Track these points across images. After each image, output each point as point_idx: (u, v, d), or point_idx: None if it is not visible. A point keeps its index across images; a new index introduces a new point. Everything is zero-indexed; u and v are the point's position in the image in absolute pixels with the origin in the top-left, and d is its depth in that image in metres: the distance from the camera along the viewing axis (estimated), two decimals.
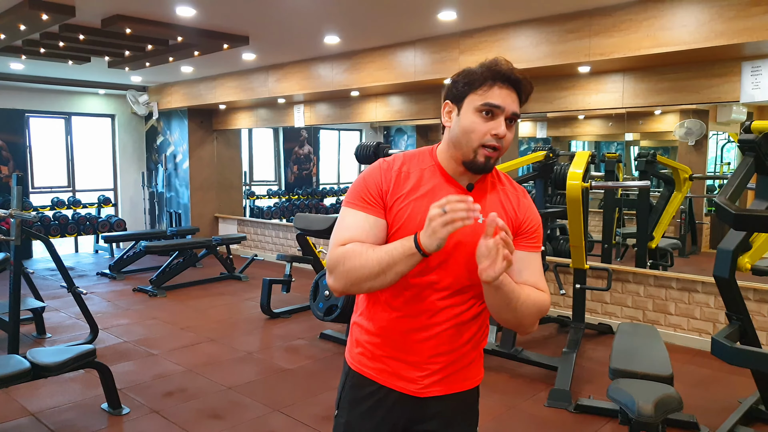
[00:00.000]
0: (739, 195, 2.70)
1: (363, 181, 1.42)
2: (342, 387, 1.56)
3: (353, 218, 1.39)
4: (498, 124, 1.33)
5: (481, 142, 1.34)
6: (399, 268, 1.28)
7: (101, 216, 9.11)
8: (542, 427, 3.33)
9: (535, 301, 1.39)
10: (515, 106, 1.36)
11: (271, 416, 3.44)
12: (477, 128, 1.34)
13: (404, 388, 1.45)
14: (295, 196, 10.94)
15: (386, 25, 5.12)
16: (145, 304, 6.05)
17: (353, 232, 1.37)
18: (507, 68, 1.36)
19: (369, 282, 1.31)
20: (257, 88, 7.34)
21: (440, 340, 1.42)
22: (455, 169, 1.42)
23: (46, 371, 3.16)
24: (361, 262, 1.30)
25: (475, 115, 1.35)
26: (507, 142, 1.36)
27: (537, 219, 1.47)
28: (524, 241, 1.44)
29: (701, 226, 7.48)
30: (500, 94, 1.34)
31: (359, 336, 1.52)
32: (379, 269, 1.29)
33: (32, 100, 8.58)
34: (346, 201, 1.42)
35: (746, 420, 3.26)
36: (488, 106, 1.33)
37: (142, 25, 4.95)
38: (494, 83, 1.34)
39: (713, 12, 3.87)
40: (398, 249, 1.27)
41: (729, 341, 2.55)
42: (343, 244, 1.36)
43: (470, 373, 1.50)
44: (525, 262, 1.42)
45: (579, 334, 4.21)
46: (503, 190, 1.47)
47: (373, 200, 1.39)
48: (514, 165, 4.82)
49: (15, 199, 4.12)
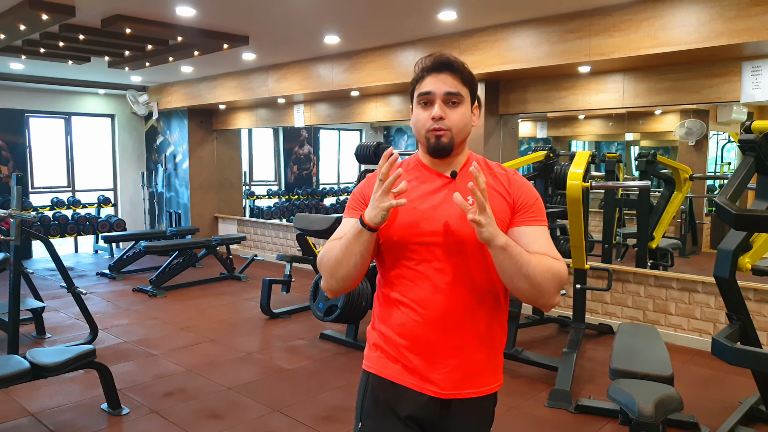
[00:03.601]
0: (740, 195, 2.69)
1: (354, 191, 1.57)
2: (362, 395, 1.55)
3: (344, 224, 1.50)
4: (434, 108, 1.43)
5: (426, 128, 1.44)
6: (354, 247, 1.39)
7: (101, 216, 9.11)
8: (542, 428, 3.32)
9: (549, 267, 1.37)
10: (447, 86, 1.43)
11: (271, 416, 3.44)
12: (419, 118, 1.46)
13: (426, 389, 1.45)
14: (295, 196, 10.94)
15: (386, 25, 5.11)
16: (144, 304, 6.05)
17: (339, 235, 1.48)
18: (435, 57, 1.46)
19: (340, 269, 1.42)
20: (257, 88, 7.34)
21: (460, 333, 1.43)
22: (432, 161, 1.49)
23: (45, 371, 3.16)
24: (332, 254, 1.43)
25: (418, 108, 1.47)
26: (453, 121, 1.43)
27: (533, 194, 1.49)
28: (524, 216, 1.45)
29: (701, 226, 7.47)
30: (430, 81, 1.44)
31: (377, 340, 1.53)
32: (341, 254, 1.41)
33: (32, 100, 8.58)
34: (344, 211, 1.55)
35: (746, 420, 3.26)
36: (421, 96, 1.45)
37: (142, 25, 4.95)
38: (425, 75, 1.45)
39: (713, 12, 3.86)
40: (351, 230, 1.39)
41: (729, 341, 2.55)
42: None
43: (490, 377, 1.50)
44: (531, 236, 1.42)
45: (579, 334, 4.20)
46: (491, 174, 1.50)
47: (358, 205, 1.51)
48: (514, 165, 4.81)
49: (15, 199, 4.12)
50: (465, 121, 1.45)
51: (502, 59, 5.00)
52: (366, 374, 1.55)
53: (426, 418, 1.47)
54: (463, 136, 1.46)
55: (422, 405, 1.46)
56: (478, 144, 5.58)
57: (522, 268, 1.33)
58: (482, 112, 5.58)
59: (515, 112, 5.74)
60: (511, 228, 1.44)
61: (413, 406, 1.46)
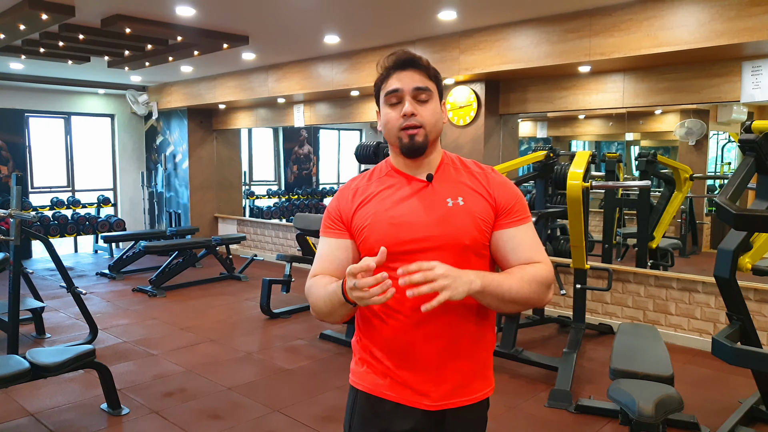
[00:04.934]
0: (740, 195, 2.69)
1: (327, 208, 1.52)
2: (350, 413, 1.50)
3: (322, 246, 1.48)
4: (403, 105, 1.38)
5: (397, 127, 1.39)
6: (341, 311, 1.34)
7: (101, 216, 9.11)
8: (542, 428, 3.32)
9: (533, 278, 1.34)
10: (415, 82, 1.39)
11: (271, 416, 3.44)
12: (389, 118, 1.40)
13: (418, 403, 1.40)
14: (295, 196, 10.94)
15: (386, 25, 5.11)
16: (144, 304, 6.04)
17: (321, 262, 1.46)
18: (397, 54, 1.43)
19: (328, 318, 1.40)
20: (257, 87, 7.33)
21: (445, 340, 1.39)
22: (406, 164, 1.45)
23: (45, 371, 3.15)
24: (317, 299, 1.39)
25: (386, 108, 1.42)
26: (425, 117, 1.38)
27: (513, 192, 1.44)
28: (507, 218, 1.41)
29: (702, 226, 7.47)
30: (397, 78, 1.40)
31: (362, 354, 1.48)
32: (327, 309, 1.37)
33: (32, 100, 8.57)
34: (320, 230, 1.51)
35: (747, 420, 3.26)
36: (389, 94, 1.40)
37: (141, 25, 4.94)
38: (390, 73, 1.42)
39: (713, 12, 3.86)
40: (335, 296, 1.31)
41: (730, 341, 2.54)
42: (314, 275, 1.46)
43: (481, 383, 1.46)
44: (516, 240, 1.40)
45: (579, 334, 4.20)
46: (469, 173, 1.46)
47: (334, 223, 1.47)
48: (514, 165, 4.81)
49: (14, 199, 4.12)
50: (436, 117, 1.40)
51: (502, 59, 5.00)
52: (354, 391, 1.49)
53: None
54: (436, 133, 1.42)
55: (417, 420, 1.41)
56: (478, 144, 5.58)
57: (506, 297, 1.30)
58: (482, 112, 5.58)
59: (515, 112, 5.74)
60: (496, 231, 1.41)
61: (407, 422, 1.41)
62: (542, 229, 5.40)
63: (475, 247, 1.39)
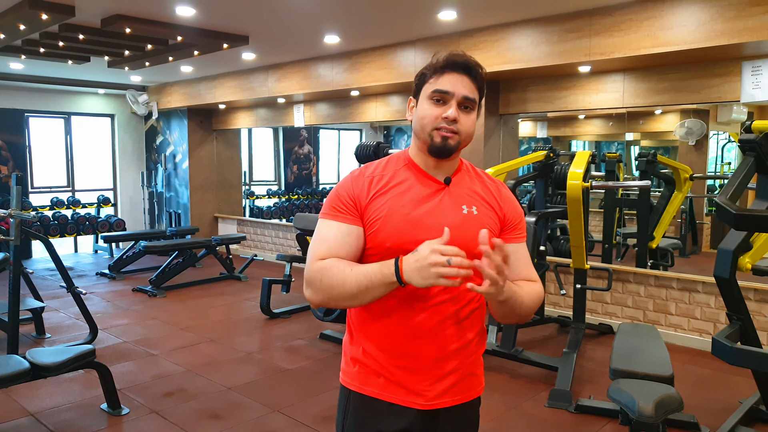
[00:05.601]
0: (740, 195, 2.69)
1: (336, 191, 1.43)
2: (343, 414, 1.48)
3: (328, 229, 1.39)
4: (448, 108, 1.36)
5: (433, 126, 1.37)
6: (376, 293, 1.29)
7: (101, 216, 9.11)
8: (543, 428, 3.32)
9: (535, 296, 1.43)
10: (467, 90, 1.37)
11: (271, 416, 3.44)
12: (429, 113, 1.37)
13: (412, 402, 1.40)
14: (295, 196, 10.94)
15: (386, 25, 5.11)
16: (144, 304, 6.04)
17: (330, 245, 1.37)
18: (458, 56, 1.39)
19: (347, 301, 1.33)
20: (257, 87, 7.33)
21: (443, 340, 1.39)
22: (426, 162, 1.43)
23: (45, 371, 3.15)
24: (340, 281, 1.31)
25: (427, 103, 1.38)
26: (465, 127, 1.38)
27: (519, 210, 1.50)
28: (512, 233, 1.47)
29: (702, 226, 7.47)
30: (450, 80, 1.37)
31: (355, 354, 1.46)
32: (356, 290, 1.29)
33: (32, 100, 8.57)
34: (321, 213, 1.43)
35: (747, 420, 3.26)
36: (438, 92, 1.37)
37: (141, 25, 4.94)
38: (444, 71, 1.38)
39: (714, 12, 3.86)
40: (377, 275, 1.27)
41: (729, 341, 2.54)
42: (322, 258, 1.36)
43: (474, 381, 1.48)
44: (516, 256, 1.44)
45: (579, 334, 4.20)
46: (482, 183, 1.48)
47: (346, 208, 1.39)
48: (514, 165, 4.81)
49: (14, 199, 4.12)
50: (473, 128, 1.40)
51: (502, 59, 5.00)
52: (346, 391, 1.48)
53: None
54: (468, 143, 1.42)
55: (410, 419, 1.41)
56: (478, 144, 5.58)
57: (516, 308, 1.35)
58: (482, 112, 5.57)
59: (515, 111, 5.74)
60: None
61: (400, 421, 1.41)
62: (542, 229, 5.40)
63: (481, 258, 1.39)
